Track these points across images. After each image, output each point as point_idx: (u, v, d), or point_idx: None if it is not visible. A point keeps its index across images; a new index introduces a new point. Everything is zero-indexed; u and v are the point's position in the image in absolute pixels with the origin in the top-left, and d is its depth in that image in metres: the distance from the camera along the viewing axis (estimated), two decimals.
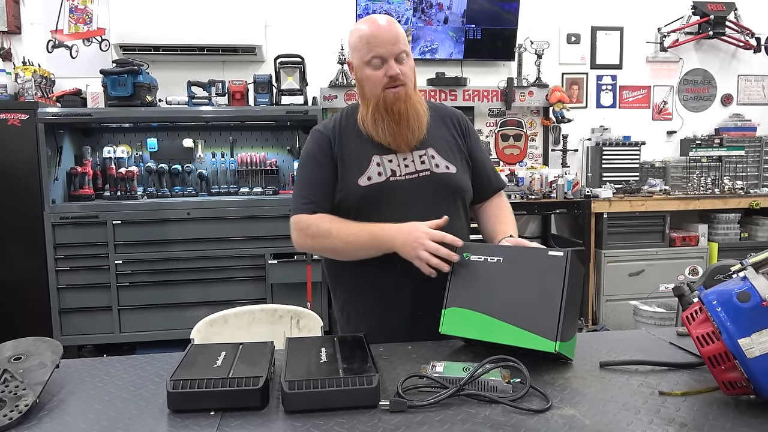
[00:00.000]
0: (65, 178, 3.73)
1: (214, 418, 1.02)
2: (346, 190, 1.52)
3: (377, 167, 1.51)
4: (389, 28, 1.48)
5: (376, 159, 1.52)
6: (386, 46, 1.46)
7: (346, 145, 1.54)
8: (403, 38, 1.49)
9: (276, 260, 3.61)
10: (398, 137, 1.51)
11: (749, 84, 4.83)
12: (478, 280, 1.27)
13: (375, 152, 1.52)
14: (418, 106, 1.52)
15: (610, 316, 4.17)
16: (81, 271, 3.53)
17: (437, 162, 1.54)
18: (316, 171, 1.54)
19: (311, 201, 1.52)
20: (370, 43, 1.47)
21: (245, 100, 3.82)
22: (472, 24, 4.23)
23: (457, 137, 1.62)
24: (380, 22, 1.49)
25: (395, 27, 1.49)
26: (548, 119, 4.50)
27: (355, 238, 1.44)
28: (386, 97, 1.48)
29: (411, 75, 1.51)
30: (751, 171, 4.56)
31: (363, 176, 1.51)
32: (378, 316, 1.54)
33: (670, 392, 1.09)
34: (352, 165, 1.52)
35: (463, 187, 1.58)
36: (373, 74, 1.48)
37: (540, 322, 1.17)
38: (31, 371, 1.10)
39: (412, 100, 1.51)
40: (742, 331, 0.96)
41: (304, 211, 1.52)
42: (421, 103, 1.55)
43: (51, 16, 4.01)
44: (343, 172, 1.53)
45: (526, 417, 1.00)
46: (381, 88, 1.48)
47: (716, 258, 4.20)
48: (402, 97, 1.48)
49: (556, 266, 1.18)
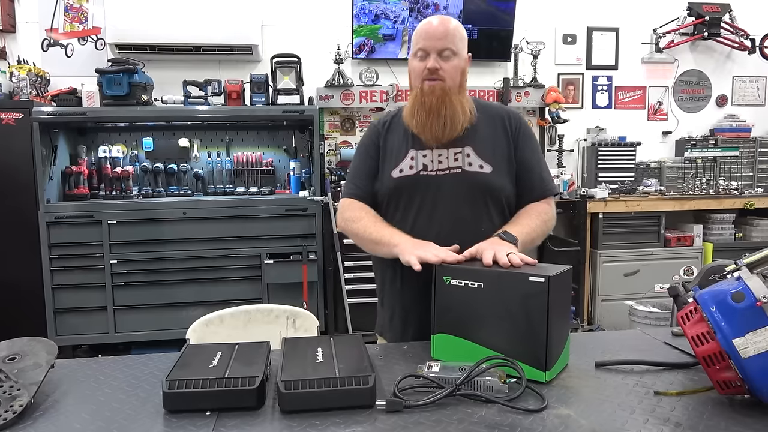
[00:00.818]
0: (60, 177, 3.72)
1: (210, 418, 1.02)
2: (381, 181, 1.59)
3: (411, 161, 1.56)
4: (439, 25, 1.52)
5: (412, 153, 1.57)
6: (431, 41, 1.51)
7: (390, 138, 1.62)
8: (453, 37, 1.52)
9: (272, 260, 3.61)
10: (426, 129, 1.54)
11: (744, 85, 4.85)
12: (462, 306, 1.24)
13: (413, 146, 1.57)
14: (456, 105, 1.53)
15: (606, 316, 4.18)
16: (76, 270, 3.52)
17: (471, 160, 1.54)
18: (365, 161, 1.64)
19: (356, 186, 1.63)
20: (419, 36, 1.53)
21: (241, 100, 3.81)
22: (468, 24, 4.23)
23: (505, 137, 1.60)
24: (434, 20, 1.55)
25: (447, 25, 1.53)
26: (544, 119, 4.51)
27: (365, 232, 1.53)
28: (423, 88, 1.53)
29: (453, 74, 1.53)
30: (745, 171, 4.58)
31: (396, 168, 1.57)
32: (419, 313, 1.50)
33: (665, 392, 1.10)
34: (391, 157, 1.59)
35: (496, 187, 1.55)
36: (417, 65, 1.54)
37: (528, 352, 1.15)
38: (25, 371, 1.10)
39: (449, 98, 1.52)
40: (737, 331, 0.97)
41: (349, 195, 1.63)
42: (463, 104, 1.55)
43: (46, 14, 3.99)
44: (383, 163, 1.61)
45: (522, 417, 1.00)
46: (420, 80, 1.53)
47: (711, 258, 4.22)
48: (437, 91, 1.51)
49: (538, 292, 1.14)
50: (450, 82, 1.52)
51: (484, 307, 1.21)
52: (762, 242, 4.24)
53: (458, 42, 1.54)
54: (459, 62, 1.54)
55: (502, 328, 1.19)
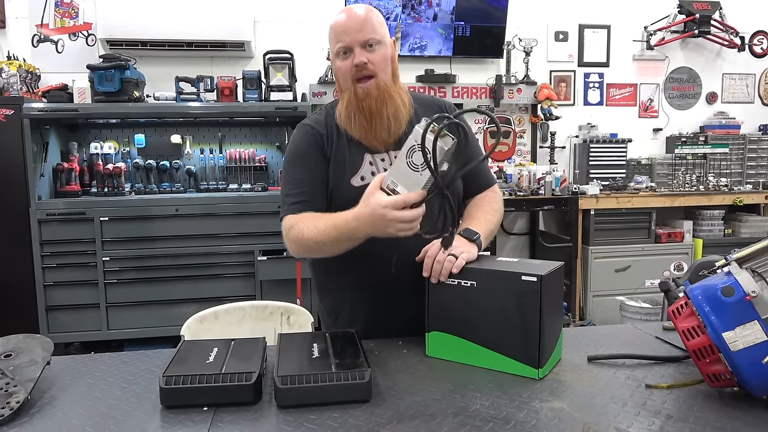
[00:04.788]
0: (51, 174, 3.69)
1: (207, 413, 1.02)
2: (339, 191, 1.44)
3: (370, 166, 1.45)
4: (357, 15, 1.39)
5: (368, 158, 1.45)
6: (351, 34, 1.37)
7: (337, 143, 1.46)
8: (372, 25, 1.38)
9: (265, 257, 3.61)
10: (370, 135, 1.43)
11: (733, 82, 4.89)
12: (455, 305, 1.25)
13: (366, 151, 1.46)
14: (396, 99, 1.42)
15: (597, 311, 4.21)
16: (68, 268, 3.50)
17: None
18: (309, 169, 1.45)
19: (302, 201, 1.42)
20: (336, 33, 1.40)
21: (234, 96, 3.80)
22: (461, 21, 4.25)
23: None
24: (351, 11, 1.41)
25: (367, 14, 1.39)
26: (536, 116, 4.53)
27: (324, 236, 1.30)
28: (357, 92, 1.40)
29: (383, 65, 1.40)
30: (734, 168, 4.63)
31: (356, 176, 1.44)
32: (369, 314, 1.50)
33: (656, 385, 1.11)
34: (344, 165, 1.44)
35: (455, 183, 1.50)
36: (342, 65, 1.40)
37: (521, 350, 1.17)
38: (22, 368, 1.10)
39: (388, 94, 1.40)
40: (726, 324, 0.99)
41: (293, 211, 1.41)
42: (401, 95, 1.44)
43: (36, 10, 3.96)
44: (335, 172, 1.45)
45: (516, 410, 1.02)
46: (351, 81, 1.40)
47: (701, 254, 4.26)
48: (372, 92, 1.38)
49: (531, 291, 1.15)
50: (383, 75, 1.40)
51: (478, 306, 1.22)
52: (751, 238, 4.28)
53: (379, 29, 1.40)
54: (386, 50, 1.41)
55: (495, 326, 1.20)
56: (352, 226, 1.24)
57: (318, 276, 1.60)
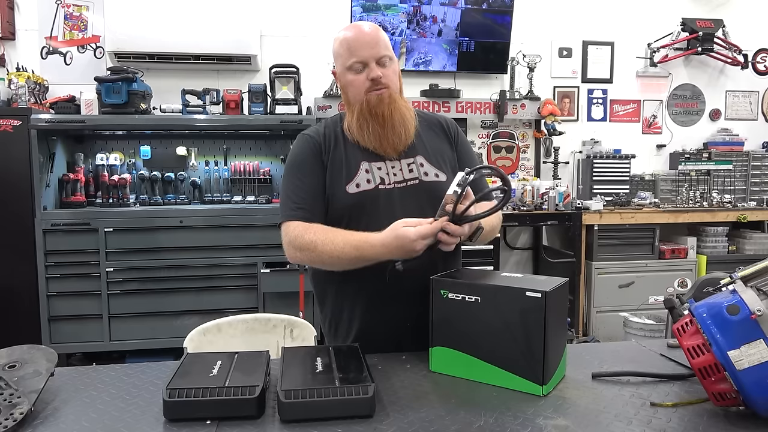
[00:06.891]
0: (57, 184, 3.71)
1: (211, 427, 1.02)
2: (335, 197, 1.48)
3: (366, 174, 1.48)
4: (370, 32, 1.46)
5: (365, 165, 1.49)
6: (367, 50, 1.44)
7: (335, 151, 1.51)
8: (384, 43, 1.47)
9: (268, 269, 3.61)
10: (384, 141, 1.48)
11: (737, 99, 4.91)
12: (459, 320, 1.25)
13: (363, 158, 1.49)
14: (403, 110, 1.49)
15: (600, 327, 4.19)
16: (72, 278, 3.50)
17: (426, 170, 1.52)
18: (308, 176, 1.49)
19: (301, 207, 1.46)
20: (351, 48, 1.46)
21: (239, 109, 3.82)
22: (466, 37, 4.28)
23: (448, 144, 1.60)
24: (361, 27, 1.49)
25: (377, 31, 1.48)
26: (540, 132, 4.54)
27: (341, 252, 1.36)
28: (369, 99, 1.46)
29: (394, 79, 1.49)
30: (738, 185, 4.63)
31: (352, 183, 1.47)
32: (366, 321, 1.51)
33: (661, 403, 1.11)
34: (341, 171, 1.48)
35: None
36: (355, 79, 1.47)
37: (525, 366, 1.17)
38: (25, 379, 1.10)
39: (397, 104, 1.48)
40: (732, 343, 0.98)
41: (294, 217, 1.45)
42: (408, 108, 1.52)
43: (45, 22, 4.01)
44: (331, 178, 1.49)
45: (521, 427, 1.01)
46: (364, 92, 1.46)
47: (705, 270, 4.25)
48: (385, 99, 1.46)
49: (535, 307, 1.15)
50: (393, 87, 1.48)
51: (482, 321, 1.22)
52: (755, 255, 4.27)
53: (389, 46, 1.49)
54: (396, 66, 1.50)
55: (499, 342, 1.20)
56: (378, 252, 1.32)
57: (318, 285, 1.63)
